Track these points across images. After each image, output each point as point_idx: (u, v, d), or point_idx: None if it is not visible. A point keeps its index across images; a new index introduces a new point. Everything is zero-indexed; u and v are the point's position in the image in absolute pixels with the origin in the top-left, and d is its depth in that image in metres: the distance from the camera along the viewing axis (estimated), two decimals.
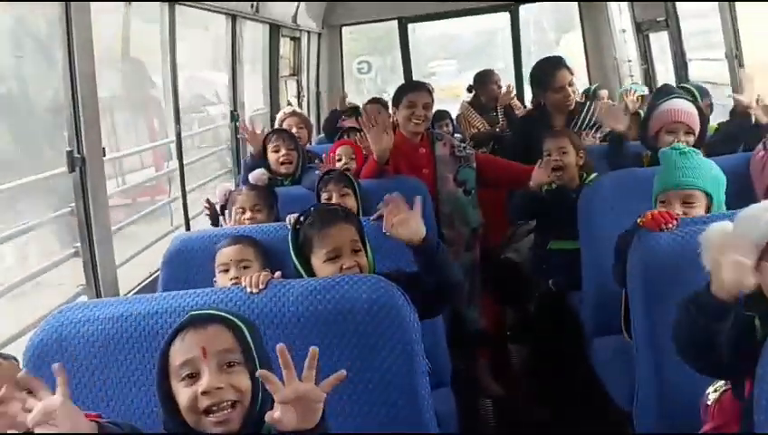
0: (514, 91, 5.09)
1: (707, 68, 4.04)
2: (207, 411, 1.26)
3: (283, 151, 3.12)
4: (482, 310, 3.26)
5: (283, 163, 3.13)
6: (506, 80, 5.87)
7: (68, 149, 2.04)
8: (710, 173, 2.09)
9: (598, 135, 3.57)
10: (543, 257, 3.06)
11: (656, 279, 1.89)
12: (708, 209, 2.07)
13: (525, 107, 5.25)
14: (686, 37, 4.24)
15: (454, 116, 5.34)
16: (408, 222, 1.83)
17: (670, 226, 1.89)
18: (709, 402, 1.65)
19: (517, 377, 3.39)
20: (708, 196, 2.08)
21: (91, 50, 2.08)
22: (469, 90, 5.32)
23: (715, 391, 1.64)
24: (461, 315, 3.07)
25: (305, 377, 1.21)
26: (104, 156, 2.15)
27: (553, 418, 2.85)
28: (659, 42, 4.73)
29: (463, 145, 3.37)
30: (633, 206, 2.29)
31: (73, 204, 2.12)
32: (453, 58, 12.05)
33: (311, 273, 1.87)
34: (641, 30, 4.88)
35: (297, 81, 5.14)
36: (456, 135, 4.80)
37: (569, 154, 2.95)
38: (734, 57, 3.37)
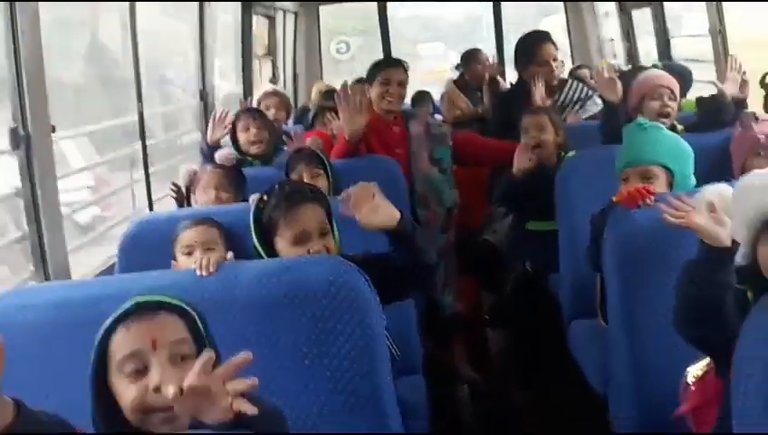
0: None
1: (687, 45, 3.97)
2: (157, 409, 1.14)
3: (253, 131, 3.00)
4: (458, 294, 3.18)
5: (253, 143, 3.01)
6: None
7: (12, 125, 1.92)
8: (671, 147, 2.03)
9: (581, 113, 3.50)
10: (521, 239, 2.99)
11: (633, 258, 1.81)
12: (671, 185, 1.99)
13: (512, 84, 5.16)
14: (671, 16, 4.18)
15: (438, 96, 5.24)
16: (377, 209, 1.72)
17: (648, 201, 1.81)
18: (689, 382, 1.58)
19: (494, 362, 3.31)
20: (669, 171, 2.00)
21: (37, 23, 1.96)
22: (457, 68, 5.25)
23: (699, 370, 1.57)
24: (436, 300, 2.99)
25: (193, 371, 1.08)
26: (53, 132, 2.03)
27: (531, 403, 2.78)
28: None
29: (438, 123, 3.28)
30: (611, 183, 2.21)
31: None
32: (439, 41, 11.92)
33: (273, 256, 1.75)
34: (624, 8, 4.79)
35: (272, 61, 5.01)
36: (435, 116, 4.71)
37: (546, 131, 2.86)
38: (718, 33, 3.28)
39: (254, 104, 3.53)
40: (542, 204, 2.69)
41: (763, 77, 2.64)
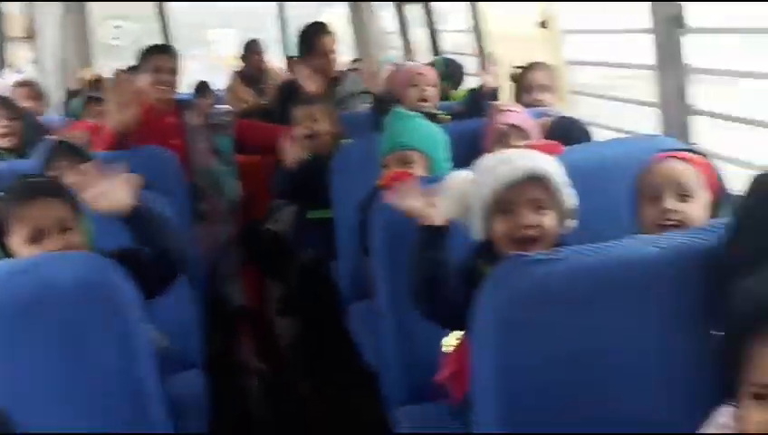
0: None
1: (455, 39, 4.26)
2: None
3: (2, 123, 2.73)
4: (244, 285, 3.16)
5: (3, 136, 2.74)
6: (277, 52, 5.79)
7: None
8: (426, 134, 2.18)
9: (360, 104, 3.62)
10: (303, 227, 3.02)
11: (397, 239, 1.88)
12: (428, 169, 2.13)
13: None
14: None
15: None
16: (107, 194, 1.58)
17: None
18: (446, 350, 1.70)
19: (283, 352, 3.33)
20: (427, 156, 2.14)
21: None
22: (242, 59, 5.18)
23: (454, 339, 1.69)
24: (220, 292, 2.94)
25: None
26: None
27: (316, 391, 2.83)
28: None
29: (220, 112, 3.23)
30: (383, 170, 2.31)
31: None
32: (231, 27, 11.64)
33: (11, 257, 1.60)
34: (397, 4, 5.01)
35: (34, 45, 4.58)
36: (219, 107, 4.61)
37: (320, 122, 2.90)
38: (476, 29, 3.58)
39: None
40: (320, 193, 2.74)
41: (515, 72, 2.89)
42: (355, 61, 4.72)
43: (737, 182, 1.34)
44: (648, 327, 1.18)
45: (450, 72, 3.70)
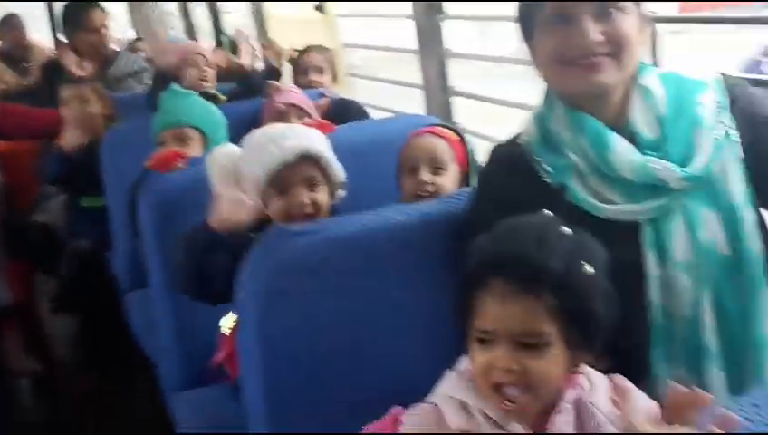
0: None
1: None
2: None
3: None
4: (10, 281, 2.91)
5: None
6: (43, 26, 5.29)
7: None
8: (202, 112, 2.17)
9: (137, 86, 3.46)
10: (76, 217, 2.84)
11: (169, 221, 1.82)
12: (205, 148, 2.11)
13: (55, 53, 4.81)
14: None
15: None
16: None
17: (179, 164, 1.86)
18: (225, 332, 1.68)
19: (59, 349, 3.11)
20: (204, 135, 2.12)
21: None
22: None
23: (232, 321, 1.67)
24: None
25: None
26: None
27: (93, 386, 2.68)
28: None
29: None
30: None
31: None
32: None
33: None
34: None
35: None
36: None
37: (90, 103, 2.74)
38: (257, 12, 3.58)
39: None
40: (93, 179, 2.59)
41: (293, 57, 2.92)
42: (136, 41, 4.50)
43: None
44: (400, 290, 1.25)
45: None
